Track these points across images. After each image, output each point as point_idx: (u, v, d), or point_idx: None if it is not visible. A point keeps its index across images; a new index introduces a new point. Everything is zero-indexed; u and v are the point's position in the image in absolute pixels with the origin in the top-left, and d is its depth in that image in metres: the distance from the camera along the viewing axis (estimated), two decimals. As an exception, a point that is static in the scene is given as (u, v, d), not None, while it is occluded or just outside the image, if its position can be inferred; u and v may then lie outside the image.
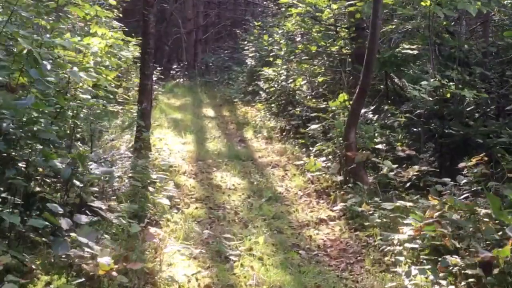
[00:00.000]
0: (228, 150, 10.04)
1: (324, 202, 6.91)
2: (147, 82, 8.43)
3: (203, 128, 11.98)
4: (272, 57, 12.91)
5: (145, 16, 8.34)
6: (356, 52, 10.46)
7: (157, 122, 11.89)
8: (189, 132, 11.15)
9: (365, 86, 7.07)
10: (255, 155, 9.87)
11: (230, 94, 16.26)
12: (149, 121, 8.53)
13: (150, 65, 8.47)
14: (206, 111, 14.67)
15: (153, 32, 8.48)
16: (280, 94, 12.25)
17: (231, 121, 13.19)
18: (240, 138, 11.35)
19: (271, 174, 8.39)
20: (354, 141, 7.13)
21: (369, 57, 6.97)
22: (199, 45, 25.19)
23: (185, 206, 6.32)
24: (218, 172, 8.26)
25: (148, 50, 8.39)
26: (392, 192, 6.40)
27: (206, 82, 20.85)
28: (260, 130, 11.65)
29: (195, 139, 10.70)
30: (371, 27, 6.96)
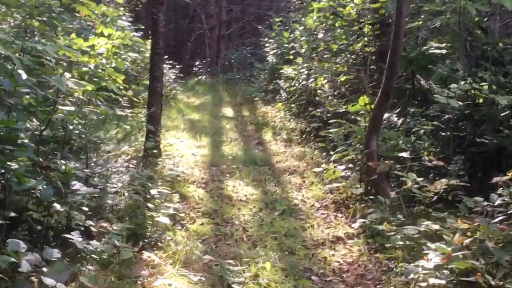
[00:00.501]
0: (245, 154, 9.55)
1: (343, 216, 6.36)
2: (157, 84, 7.99)
3: (220, 130, 11.51)
4: (293, 55, 12.34)
5: (154, 15, 7.89)
6: (380, 50, 9.82)
7: (173, 124, 11.50)
8: (205, 135, 10.69)
9: (388, 89, 6.47)
10: (273, 159, 9.36)
11: (251, 93, 15.75)
12: (159, 125, 8.08)
13: (160, 67, 8.03)
14: (225, 111, 14.20)
15: (163, 31, 8.02)
16: (301, 93, 11.69)
17: (250, 121, 12.69)
18: (258, 141, 10.84)
19: (288, 182, 7.86)
20: (375, 149, 6.54)
21: (392, 58, 6.37)
22: (222, 41, 24.74)
23: (190, 221, 5.84)
24: (231, 180, 7.77)
25: (158, 50, 7.94)
26: (417, 208, 5.81)
27: (228, 79, 20.41)
28: (280, 131, 11.12)
29: (210, 142, 10.23)
30: (394, 26, 6.35)
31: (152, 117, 7.96)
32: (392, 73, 6.40)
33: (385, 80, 6.46)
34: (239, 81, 19.28)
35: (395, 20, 6.36)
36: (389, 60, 6.40)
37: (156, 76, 7.97)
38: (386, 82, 6.45)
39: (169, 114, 12.46)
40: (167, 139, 9.94)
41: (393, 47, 6.38)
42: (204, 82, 20.41)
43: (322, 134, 9.58)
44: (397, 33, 6.32)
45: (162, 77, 8.14)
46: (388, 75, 6.42)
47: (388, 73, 6.41)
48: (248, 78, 18.64)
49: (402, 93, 9.16)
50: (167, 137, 10.16)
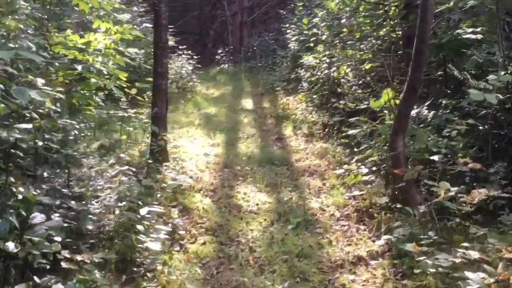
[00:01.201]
0: (261, 152, 8.84)
1: (366, 229, 5.59)
2: (161, 81, 7.33)
3: (238, 125, 10.81)
4: (313, 42, 11.51)
5: (156, 6, 7.21)
6: (407, 34, 8.93)
7: (188, 119, 10.86)
8: (220, 131, 10.01)
9: (415, 82, 5.64)
10: (292, 158, 8.62)
11: (272, 82, 14.97)
12: (164, 126, 7.44)
13: (164, 62, 7.35)
14: (245, 103, 13.48)
15: (165, 24, 7.33)
16: (323, 83, 10.86)
17: (270, 114, 11.94)
18: (277, 136, 10.11)
19: (306, 186, 7.13)
20: (402, 151, 5.74)
21: (419, 46, 5.53)
22: (244, 28, 23.93)
23: (191, 239, 5.18)
24: (243, 185, 7.07)
25: (161, 44, 7.27)
26: (451, 222, 5.01)
27: (250, 67, 19.66)
28: (301, 125, 10.35)
29: (226, 139, 9.55)
30: (420, 9, 5.50)
31: (157, 118, 7.33)
32: (419, 64, 5.56)
33: (411, 72, 5.62)
34: (262, 69, 18.50)
35: (421, 2, 5.50)
36: (416, 48, 5.56)
37: (160, 72, 7.31)
38: (412, 74, 5.62)
39: (185, 109, 11.83)
40: (179, 137, 9.34)
41: (420, 33, 5.54)
42: (226, 71, 19.71)
43: (345, 129, 8.83)
44: (424, 18, 5.47)
45: (166, 74, 7.47)
46: (414, 66, 5.58)
47: (415, 64, 5.57)
48: (271, 66, 17.85)
49: (433, 81, 8.30)
50: (180, 135, 9.56)
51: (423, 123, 6.86)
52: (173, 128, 9.98)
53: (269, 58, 19.03)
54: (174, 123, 10.39)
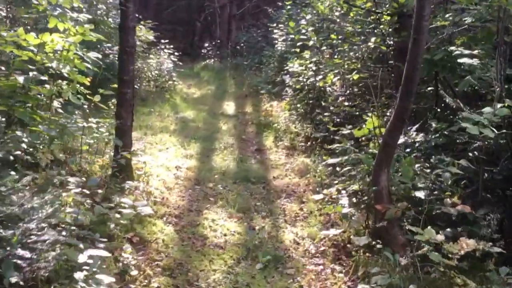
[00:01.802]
0: (238, 166, 8.27)
1: (342, 271, 5.05)
2: (127, 90, 6.70)
3: (216, 133, 10.21)
4: (299, 47, 10.91)
5: (122, 5, 6.56)
6: (399, 46, 8.41)
7: (163, 124, 10.24)
8: (196, 139, 9.42)
9: (403, 112, 5.08)
10: (270, 174, 8.07)
11: (257, 84, 14.37)
12: (129, 139, 6.83)
13: (130, 68, 6.71)
14: (227, 106, 12.89)
15: (133, 26, 6.69)
16: (308, 91, 10.29)
17: (252, 120, 11.37)
18: (257, 147, 9.55)
19: (282, 212, 6.58)
20: (385, 186, 5.19)
21: (409, 73, 4.97)
22: (233, 21, 23.24)
23: (143, 282, 4.60)
24: (213, 209, 6.49)
25: (128, 49, 6.62)
26: (435, 274, 4.48)
27: (237, 64, 19.01)
28: (282, 136, 9.79)
29: (201, 150, 8.96)
30: (413, 30, 4.93)
31: (121, 130, 6.72)
32: (408, 93, 5.00)
33: (400, 100, 5.06)
34: (248, 68, 17.87)
35: (415, 23, 4.94)
36: (406, 75, 5.00)
37: (125, 80, 6.67)
38: (400, 103, 5.06)
39: (161, 111, 11.20)
40: (151, 146, 8.74)
41: (411, 58, 4.97)
42: (212, 67, 19.08)
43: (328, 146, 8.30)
44: (417, 41, 4.91)
45: (133, 82, 6.83)
46: (403, 94, 5.02)
47: (404, 92, 5.02)
48: (257, 65, 17.22)
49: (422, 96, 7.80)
50: (152, 143, 8.95)
51: (410, 147, 6.35)
52: (146, 135, 9.38)
53: (257, 56, 18.39)
54: (147, 129, 9.78)
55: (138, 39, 12.23)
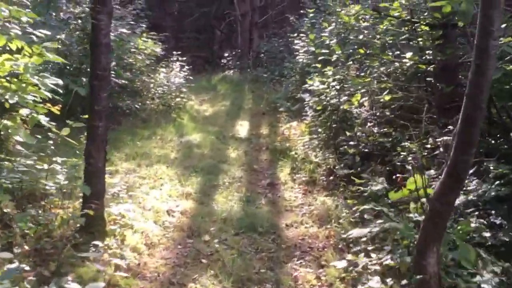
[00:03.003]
0: (243, 210, 6.79)
1: None
2: (98, 123, 5.31)
3: (223, 162, 8.75)
4: (321, 62, 9.42)
5: (94, 18, 5.18)
6: (442, 63, 6.87)
7: (162, 151, 8.85)
8: (198, 172, 8.00)
9: (460, 170, 3.54)
10: (282, 220, 6.58)
11: (276, 101, 12.90)
12: (101, 184, 5.44)
13: (103, 96, 5.31)
14: (240, 126, 11.44)
15: (107, 43, 5.27)
16: (331, 114, 8.77)
17: (267, 145, 9.89)
18: (269, 181, 8.06)
19: (294, 281, 5.07)
20: (435, 274, 3.66)
21: (470, 113, 3.43)
22: (255, 30, 21.78)
23: None
24: (202, 280, 4.98)
25: (99, 73, 5.23)
26: None
27: (257, 76, 17.58)
28: (301, 167, 8.28)
29: (201, 186, 7.51)
30: (476, 55, 3.38)
31: (90, 174, 5.33)
32: (470, 142, 3.47)
33: (456, 152, 3.53)
34: (268, 80, 16.42)
35: (478, 42, 3.40)
36: (465, 117, 3.46)
37: (96, 111, 5.28)
38: (457, 155, 3.52)
39: (163, 135, 9.82)
40: (143, 180, 7.36)
41: (473, 92, 3.43)
42: (230, 79, 17.72)
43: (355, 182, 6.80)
44: (481, 69, 3.36)
45: (105, 112, 5.40)
46: (461, 144, 3.49)
47: (462, 139, 3.48)
48: (278, 78, 15.75)
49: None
50: (146, 177, 7.57)
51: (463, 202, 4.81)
52: (139, 166, 8.00)
53: (278, 68, 16.92)
54: (142, 158, 8.40)
55: (142, 52, 10.96)
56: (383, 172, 6.67)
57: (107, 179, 7.06)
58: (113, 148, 8.57)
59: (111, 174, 7.48)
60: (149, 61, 11.27)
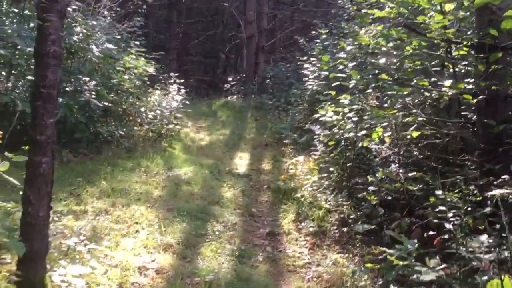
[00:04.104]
0: (235, 270, 5.37)
1: None
2: (40, 158, 3.92)
3: (214, 203, 7.33)
4: (335, 88, 8.12)
5: (39, 18, 3.85)
6: (489, 94, 5.55)
7: (144, 188, 7.47)
8: (183, 216, 6.59)
9: None
10: (283, 287, 5.17)
11: (281, 131, 11.57)
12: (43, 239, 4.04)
13: (48, 123, 3.94)
14: (240, 159, 10.09)
15: (57, 51, 3.91)
16: (345, 150, 7.43)
17: (268, 184, 8.51)
18: (269, 230, 6.65)
19: None
20: None
21: None
22: (261, 54, 20.64)
23: None
24: None
25: (44, 91, 3.88)
26: None
27: (261, 103, 16.33)
28: (308, 213, 6.88)
29: (185, 235, 6.07)
30: None
31: (29, 226, 3.95)
32: None
33: None
34: (273, 107, 15.14)
35: None
36: None
37: (38, 142, 3.90)
38: None
39: (149, 167, 8.44)
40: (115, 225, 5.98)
41: None
42: (233, 105, 16.47)
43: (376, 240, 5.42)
44: None
45: (51, 145, 4.02)
46: None
47: None
48: (284, 106, 14.46)
49: None
50: (119, 221, 6.19)
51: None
52: (114, 206, 6.60)
53: (284, 94, 15.66)
54: (120, 195, 7.01)
55: (133, 72, 9.70)
56: (416, 231, 5.27)
57: (71, 222, 5.78)
58: (86, 182, 7.22)
59: (77, 215, 6.10)
60: (140, 82, 9.98)
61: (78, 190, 6.90)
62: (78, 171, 7.67)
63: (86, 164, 8.02)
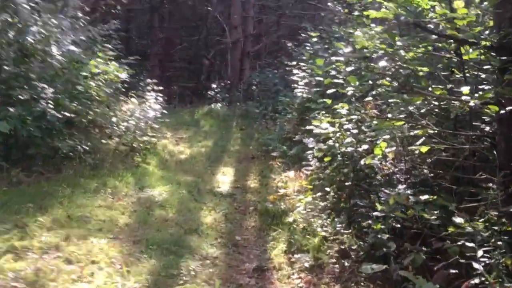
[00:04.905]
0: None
1: None
2: None
3: (192, 232, 6.24)
4: (330, 96, 7.14)
5: None
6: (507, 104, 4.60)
7: (108, 214, 6.39)
8: (152, 250, 5.52)
9: None
10: None
11: (268, 143, 10.56)
12: None
13: None
14: (222, 176, 9.06)
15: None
16: (342, 167, 6.43)
17: (255, 204, 7.47)
18: (256, 265, 5.59)
19: None
20: None
21: None
22: (246, 60, 19.67)
23: None
24: None
25: None
26: None
27: (247, 111, 15.33)
28: (302, 242, 5.85)
29: (153, 278, 4.97)
30: None
31: None
32: None
33: None
34: (260, 116, 14.15)
35: None
36: None
37: None
38: None
39: (117, 187, 7.35)
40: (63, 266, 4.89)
41: None
42: (217, 114, 15.45)
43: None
44: None
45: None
46: None
47: None
48: (271, 115, 13.48)
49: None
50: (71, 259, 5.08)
51: None
52: (68, 239, 5.48)
53: (271, 102, 14.67)
54: (78, 224, 5.90)
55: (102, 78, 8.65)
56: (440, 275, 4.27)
57: (8, 264, 4.69)
58: (37, 208, 6.12)
59: (18, 254, 4.99)
60: (110, 90, 8.90)
61: (26, 220, 5.79)
62: (29, 194, 6.56)
63: (41, 185, 6.92)
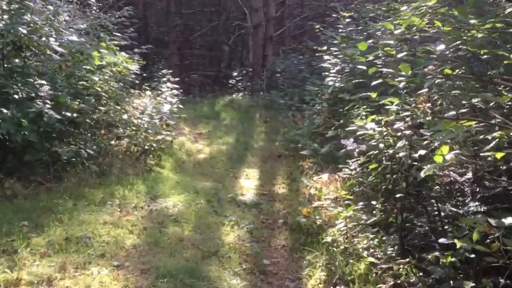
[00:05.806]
0: None
1: None
2: None
3: (210, 256, 5.21)
4: (375, 88, 5.98)
5: None
6: None
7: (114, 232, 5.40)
8: (163, 279, 4.51)
9: None
10: None
11: (297, 138, 9.46)
12: None
13: None
14: (245, 180, 8.00)
15: None
16: (391, 174, 5.31)
17: (285, 217, 6.39)
18: (290, 299, 4.55)
19: None
20: None
21: None
22: (269, 45, 18.46)
23: None
24: None
25: None
26: None
27: (271, 101, 14.22)
28: (343, 269, 4.77)
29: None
30: None
31: None
32: None
33: None
34: (285, 107, 13.03)
35: None
36: None
37: None
38: None
39: (126, 197, 6.35)
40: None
41: None
42: (238, 104, 14.37)
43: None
44: None
45: None
46: None
47: None
48: (298, 106, 12.35)
49: None
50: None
51: None
52: (63, 269, 4.50)
53: (298, 91, 13.52)
54: (77, 248, 4.92)
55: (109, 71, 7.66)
56: None
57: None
58: (33, 227, 5.19)
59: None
60: (118, 84, 7.88)
61: (17, 243, 4.84)
62: (25, 210, 5.61)
63: (39, 198, 5.97)
